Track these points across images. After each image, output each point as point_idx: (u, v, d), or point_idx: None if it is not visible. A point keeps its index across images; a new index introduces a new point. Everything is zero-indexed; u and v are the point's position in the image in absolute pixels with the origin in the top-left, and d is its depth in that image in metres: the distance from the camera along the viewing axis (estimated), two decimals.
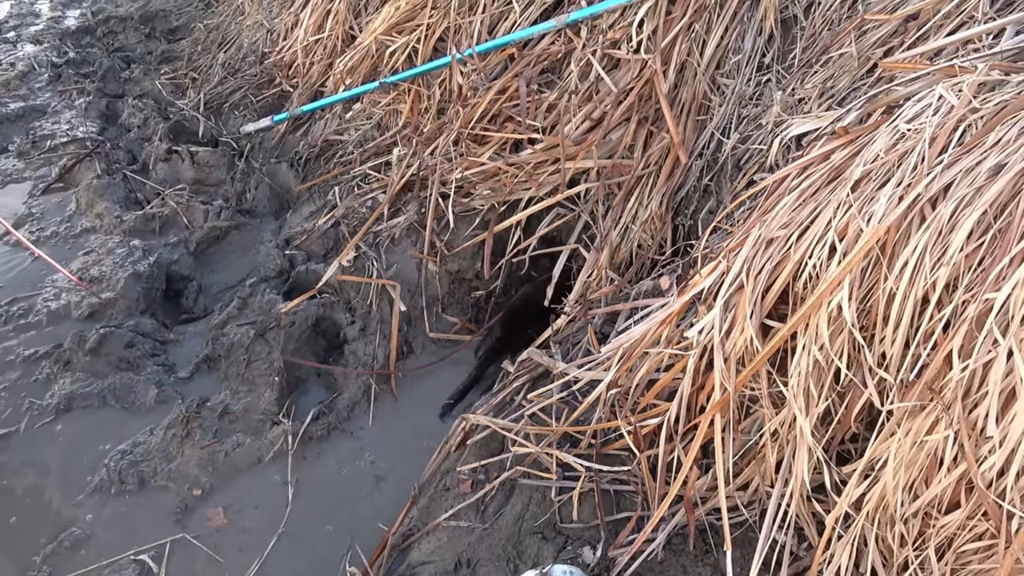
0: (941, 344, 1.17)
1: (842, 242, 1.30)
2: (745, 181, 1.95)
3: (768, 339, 1.42)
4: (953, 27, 1.68)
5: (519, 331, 2.20)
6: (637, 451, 1.66)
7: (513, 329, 2.22)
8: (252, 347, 2.22)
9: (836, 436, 1.41)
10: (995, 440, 1.11)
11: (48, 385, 2.18)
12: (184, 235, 2.67)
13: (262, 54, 3.35)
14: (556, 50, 2.37)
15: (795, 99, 1.93)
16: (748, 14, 2.16)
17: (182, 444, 2.03)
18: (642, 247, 2.17)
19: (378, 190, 2.54)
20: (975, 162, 1.20)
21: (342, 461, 2.02)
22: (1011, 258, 1.09)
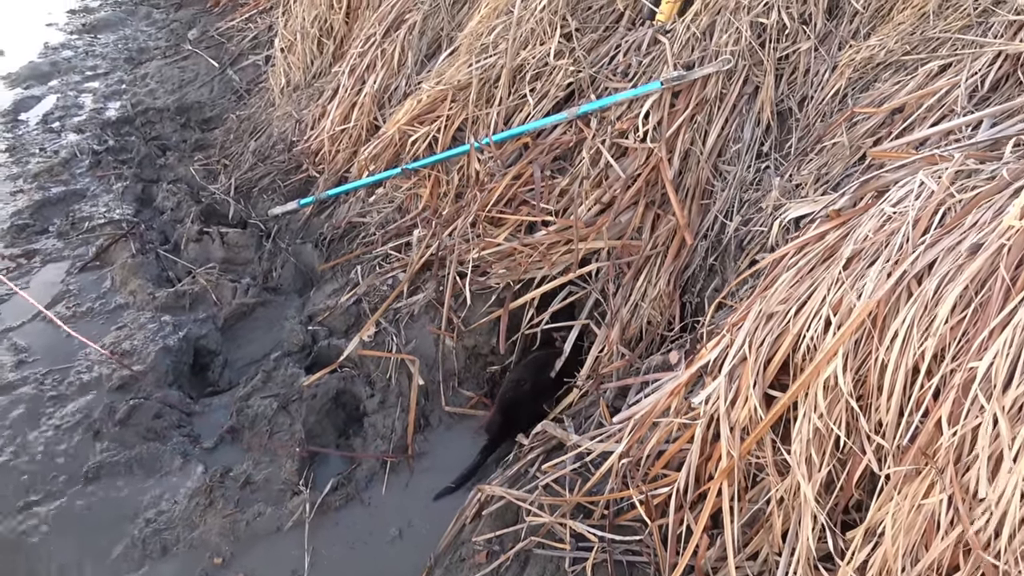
0: (932, 411, 1.24)
1: (836, 316, 1.39)
2: (747, 260, 2.05)
3: (771, 408, 1.49)
4: (936, 119, 1.82)
5: (517, 415, 2.25)
6: (649, 520, 1.71)
7: (510, 416, 2.27)
8: (275, 419, 2.30)
9: (840, 503, 1.46)
10: (988, 502, 1.17)
11: (78, 454, 2.26)
12: (213, 311, 2.79)
13: (291, 142, 3.55)
14: (568, 139, 2.54)
15: (792, 184, 2.06)
16: (746, 107, 2.32)
17: (205, 513, 2.09)
18: (651, 323, 2.26)
19: (398, 269, 2.66)
20: (955, 242, 1.30)
21: (359, 531, 2.06)
22: (991, 329, 1.18)
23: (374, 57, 3.26)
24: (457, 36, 3.12)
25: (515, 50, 2.71)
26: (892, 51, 2.05)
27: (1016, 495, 1.14)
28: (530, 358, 2.39)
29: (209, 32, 5.09)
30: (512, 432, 2.21)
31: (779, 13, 2.31)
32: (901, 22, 2.10)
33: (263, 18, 4.93)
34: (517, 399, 2.28)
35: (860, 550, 1.36)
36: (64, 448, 2.27)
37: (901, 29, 2.08)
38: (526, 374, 2.34)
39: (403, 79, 3.18)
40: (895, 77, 2.02)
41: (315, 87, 3.71)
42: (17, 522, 2.07)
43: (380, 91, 3.20)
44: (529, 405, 2.26)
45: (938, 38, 1.97)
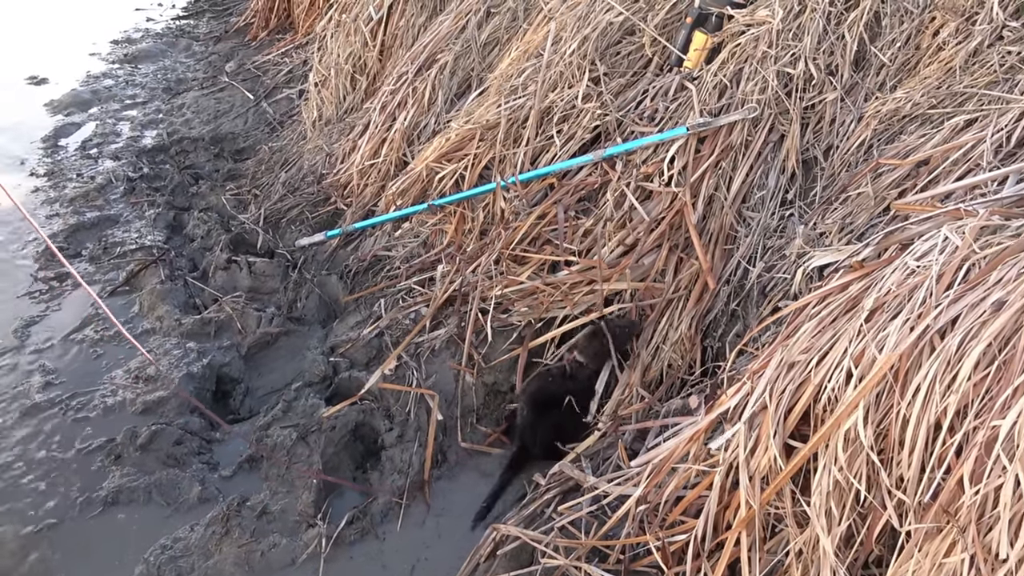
0: (954, 468, 1.23)
1: (858, 368, 1.39)
2: (770, 307, 2.06)
3: (790, 458, 1.49)
4: (961, 173, 1.83)
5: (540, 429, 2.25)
6: (665, 567, 1.69)
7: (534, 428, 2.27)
8: (294, 449, 2.31)
9: (859, 558, 1.44)
10: (1011, 564, 1.15)
11: (98, 477, 2.28)
12: (237, 339, 2.83)
13: (320, 175, 3.63)
14: (593, 181, 2.57)
15: (816, 233, 2.07)
16: (772, 154, 2.34)
17: (221, 542, 2.10)
18: (672, 366, 2.26)
19: (421, 303, 2.69)
20: (979, 298, 1.30)
21: (373, 566, 2.06)
22: (1015, 388, 1.17)
23: (405, 95, 3.34)
24: (487, 77, 3.18)
25: (544, 92, 2.76)
26: (918, 104, 2.07)
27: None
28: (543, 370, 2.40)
29: (246, 65, 5.23)
30: (538, 443, 2.23)
31: (806, 63, 2.34)
32: (927, 76, 2.12)
33: (298, 53, 5.06)
34: (546, 401, 2.28)
35: None
36: (84, 471, 2.30)
37: (927, 83, 2.10)
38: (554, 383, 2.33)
39: (432, 117, 3.25)
40: (921, 130, 2.03)
41: (346, 122, 3.79)
42: (34, 544, 2.09)
43: (410, 128, 3.27)
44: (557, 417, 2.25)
45: (964, 93, 1.98)
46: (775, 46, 2.41)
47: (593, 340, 2.32)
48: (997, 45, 2.01)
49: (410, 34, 3.67)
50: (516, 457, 2.25)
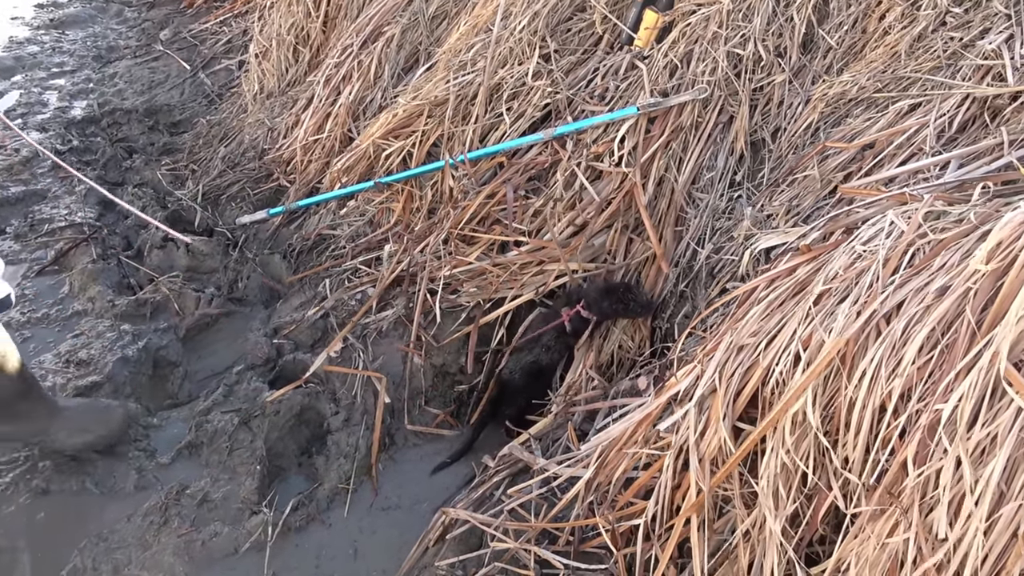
0: (898, 450, 1.25)
1: (806, 352, 1.40)
2: (718, 289, 2.07)
3: (740, 441, 1.50)
4: (905, 157, 1.86)
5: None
6: (615, 549, 1.70)
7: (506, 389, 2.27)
8: (235, 435, 2.24)
9: (805, 537, 1.47)
10: (950, 543, 1.18)
11: (28, 467, 2.18)
12: (174, 321, 2.72)
13: (262, 150, 3.50)
14: (543, 160, 2.54)
15: (764, 215, 2.08)
16: (721, 136, 2.34)
17: (159, 532, 2.02)
18: (623, 348, 2.26)
19: (368, 284, 2.63)
20: (924, 283, 1.32)
21: (319, 553, 2.02)
22: (956, 372, 1.19)
23: (350, 68, 3.24)
24: (435, 52, 3.11)
25: (493, 68, 2.71)
26: (864, 88, 2.09)
27: (978, 537, 1.15)
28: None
29: (181, 33, 5.01)
30: (505, 406, 2.23)
31: (755, 45, 2.34)
32: (873, 60, 2.14)
33: (238, 22, 4.87)
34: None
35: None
36: (14, 461, 2.19)
37: (873, 66, 2.12)
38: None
39: (379, 92, 3.16)
40: (866, 113, 2.05)
41: (289, 95, 3.67)
42: None
43: (355, 103, 3.18)
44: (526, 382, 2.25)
45: (909, 77, 2.01)
46: (725, 26, 2.40)
47: (608, 295, 2.20)
48: (941, 31, 2.04)
49: (355, 5, 3.56)
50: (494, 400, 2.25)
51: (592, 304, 2.19)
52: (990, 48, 1.89)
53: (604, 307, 2.17)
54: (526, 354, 2.26)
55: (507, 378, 2.26)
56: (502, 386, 2.26)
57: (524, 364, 2.25)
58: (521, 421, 2.21)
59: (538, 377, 2.26)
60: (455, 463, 2.20)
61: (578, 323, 2.22)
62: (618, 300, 2.17)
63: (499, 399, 2.25)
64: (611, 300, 2.17)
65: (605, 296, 2.17)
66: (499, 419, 2.25)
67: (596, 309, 2.18)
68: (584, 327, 2.23)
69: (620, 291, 2.17)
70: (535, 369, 2.25)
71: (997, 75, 1.85)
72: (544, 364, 2.26)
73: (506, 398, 2.24)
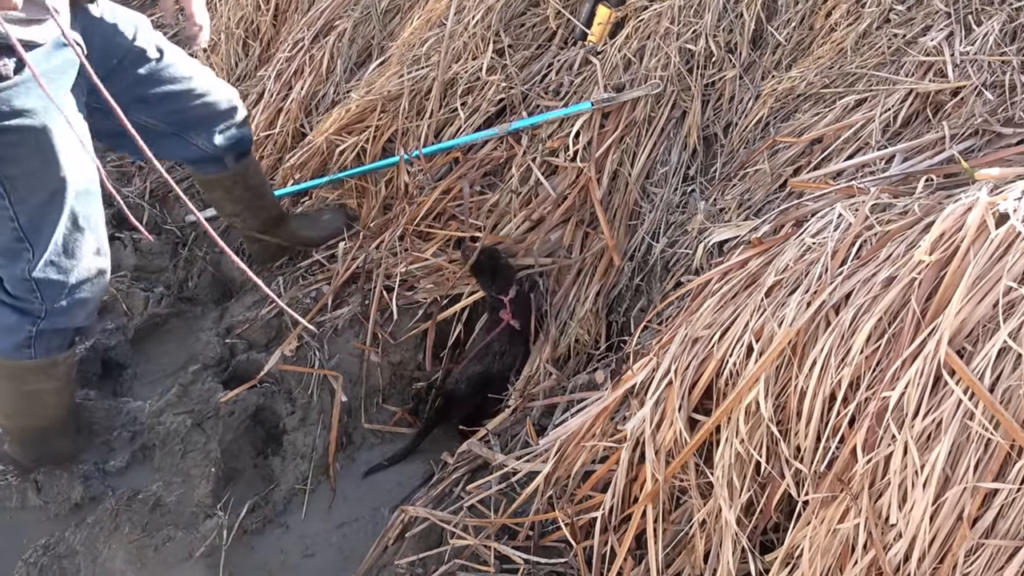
0: (848, 438, 1.29)
1: (758, 342, 1.42)
2: (673, 282, 2.09)
3: (695, 432, 1.52)
4: (852, 151, 1.90)
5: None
6: (574, 542, 1.71)
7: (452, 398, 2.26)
8: (188, 437, 2.20)
9: (759, 526, 1.50)
10: (899, 528, 1.22)
11: None
12: (122, 321, 2.65)
13: None
14: (499, 155, 2.53)
15: (717, 209, 2.11)
16: (674, 130, 2.37)
17: (109, 538, 1.97)
18: (579, 342, 2.27)
19: (322, 281, 2.59)
20: (871, 274, 1.35)
21: (276, 555, 1.99)
22: (903, 360, 1.23)
23: (302, 63, 3.18)
24: (388, 46, 3.08)
25: (447, 63, 2.69)
26: (812, 83, 2.13)
27: (925, 520, 1.18)
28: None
29: None
30: (450, 416, 2.21)
31: (707, 41, 2.37)
32: (821, 56, 2.19)
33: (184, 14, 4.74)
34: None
35: (779, 572, 1.40)
36: None
37: (821, 63, 2.17)
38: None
39: (332, 87, 3.11)
40: (814, 108, 2.09)
41: (239, 90, 3.58)
42: None
43: (307, 98, 3.12)
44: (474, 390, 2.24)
45: (855, 73, 2.05)
46: (677, 22, 2.42)
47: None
48: (885, 28, 2.09)
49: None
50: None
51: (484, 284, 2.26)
52: (932, 45, 1.94)
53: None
54: (476, 364, 2.24)
55: (451, 388, 2.24)
56: (447, 397, 2.24)
57: (471, 374, 2.23)
58: (472, 423, 2.19)
59: (485, 386, 2.23)
60: (391, 466, 2.18)
61: (517, 311, 2.22)
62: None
63: (445, 409, 2.24)
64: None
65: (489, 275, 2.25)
66: (446, 425, 2.23)
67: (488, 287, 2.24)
68: (527, 308, 2.24)
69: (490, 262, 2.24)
70: (482, 379, 2.23)
71: (939, 71, 1.90)
72: (495, 372, 2.24)
73: (451, 408, 2.23)
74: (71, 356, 2.09)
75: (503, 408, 2.18)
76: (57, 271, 1.85)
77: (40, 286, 1.85)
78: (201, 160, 2.34)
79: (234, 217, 2.56)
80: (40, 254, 1.82)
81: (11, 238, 1.78)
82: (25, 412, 2.07)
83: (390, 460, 2.20)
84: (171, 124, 2.14)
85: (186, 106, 2.13)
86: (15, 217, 1.76)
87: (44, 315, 1.90)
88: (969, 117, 1.74)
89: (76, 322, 1.96)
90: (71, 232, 1.84)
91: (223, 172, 2.39)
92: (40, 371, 1.99)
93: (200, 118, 2.20)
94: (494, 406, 2.21)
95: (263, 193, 2.56)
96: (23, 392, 2.02)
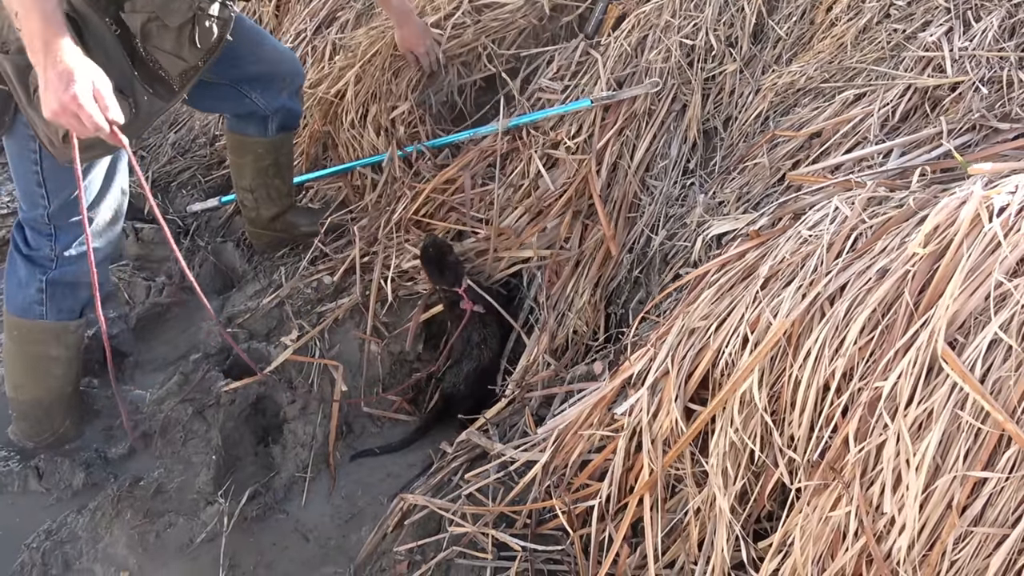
0: (841, 427, 1.30)
1: (753, 333, 1.44)
2: (672, 275, 2.11)
3: (691, 422, 1.54)
4: (850, 145, 1.91)
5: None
6: (571, 530, 1.73)
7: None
8: (189, 424, 2.22)
9: (753, 514, 1.51)
10: (889, 515, 1.23)
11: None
12: (124, 310, 2.67)
13: (213, 136, 3.43)
14: (500, 148, 2.54)
15: (716, 202, 2.12)
16: (674, 124, 2.38)
17: (111, 524, 2.00)
18: (577, 333, 2.29)
19: (324, 272, 2.61)
20: (865, 266, 1.37)
21: (277, 542, 2.01)
22: (896, 351, 1.24)
23: (304, 54, 3.19)
24: None
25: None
26: (812, 78, 2.15)
27: (915, 509, 1.20)
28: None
29: None
30: (451, 414, 2.23)
31: (707, 34, 2.38)
32: (820, 51, 2.20)
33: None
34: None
35: (772, 559, 1.41)
36: None
37: (820, 57, 2.18)
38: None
39: None
40: (814, 103, 2.11)
41: None
42: None
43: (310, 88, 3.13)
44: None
45: (854, 68, 2.07)
46: (678, 16, 2.44)
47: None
48: (885, 23, 2.10)
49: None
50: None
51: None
52: (931, 40, 1.95)
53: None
54: (466, 362, 2.26)
55: (452, 391, 2.26)
56: (449, 400, 2.26)
57: (467, 373, 2.25)
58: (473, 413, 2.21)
59: (483, 379, 2.26)
60: (382, 455, 2.21)
61: (475, 297, 2.24)
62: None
63: (447, 410, 2.26)
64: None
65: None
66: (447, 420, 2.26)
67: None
68: (487, 292, 2.26)
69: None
70: (478, 373, 2.25)
71: (937, 66, 1.92)
72: (486, 363, 2.26)
73: (454, 409, 2.25)
74: (82, 327, 2.14)
75: (501, 398, 2.20)
76: (76, 223, 1.90)
77: (57, 230, 1.94)
78: (248, 116, 2.37)
79: (248, 193, 2.56)
80: (57, 204, 1.90)
81: (32, 182, 1.86)
82: (33, 380, 2.12)
83: (382, 449, 2.21)
84: (231, 79, 2.18)
85: (248, 64, 2.18)
86: (39, 162, 1.83)
87: (55, 264, 1.98)
88: (967, 112, 1.75)
89: (85, 273, 1.97)
90: (92, 183, 1.91)
91: (262, 137, 2.41)
92: (52, 335, 2.06)
93: (260, 75, 2.25)
94: (492, 396, 2.23)
95: (285, 177, 2.57)
96: (32, 356, 2.08)
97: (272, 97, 2.31)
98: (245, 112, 2.34)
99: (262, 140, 2.42)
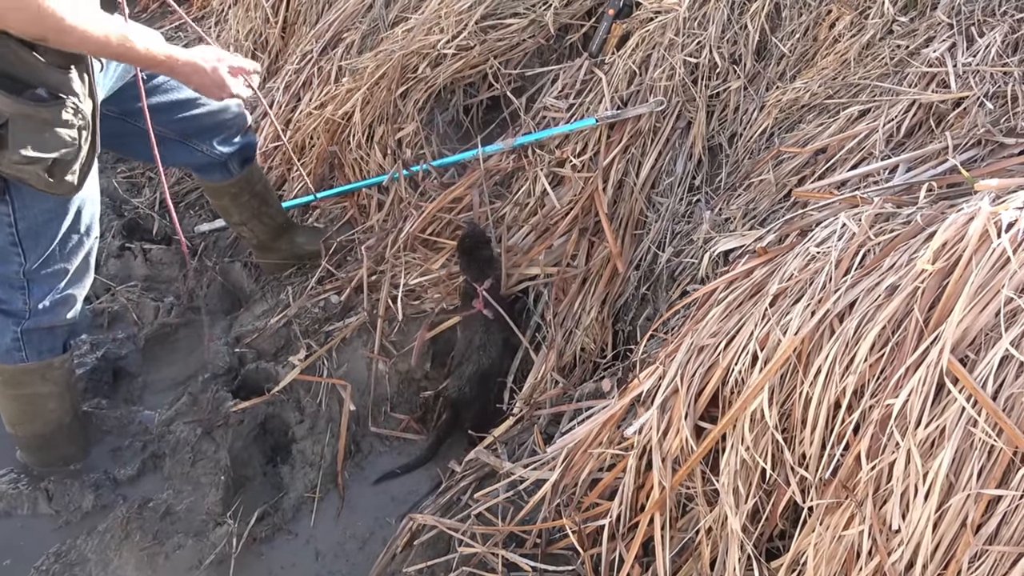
0: (852, 445, 1.30)
1: (763, 351, 1.44)
2: (679, 291, 2.11)
3: (701, 440, 1.53)
4: (856, 161, 1.92)
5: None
6: (581, 550, 1.72)
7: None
8: (198, 445, 2.22)
9: (765, 533, 1.51)
10: (903, 534, 1.23)
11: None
12: (133, 331, 2.68)
13: None
14: (506, 166, 2.56)
15: (722, 218, 2.13)
16: (679, 141, 2.39)
17: (120, 546, 1.99)
18: (585, 350, 2.29)
19: (331, 291, 2.62)
20: (874, 283, 1.37)
21: (286, 563, 2.01)
22: (906, 368, 1.24)
23: (310, 75, 3.22)
24: None
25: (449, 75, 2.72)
26: (816, 94, 2.15)
27: (928, 527, 1.20)
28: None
29: None
30: (462, 421, 2.23)
31: (711, 52, 2.39)
32: (824, 67, 2.21)
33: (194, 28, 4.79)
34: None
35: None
36: None
37: (824, 73, 2.19)
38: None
39: None
40: (818, 119, 2.11)
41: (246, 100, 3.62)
42: None
43: (316, 109, 3.15)
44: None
45: (858, 84, 2.07)
46: (682, 34, 2.45)
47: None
48: (888, 39, 2.11)
49: (314, 11, 3.53)
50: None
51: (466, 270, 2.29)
52: (934, 56, 1.96)
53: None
54: (467, 365, 2.26)
55: (457, 396, 2.26)
56: (455, 404, 2.26)
57: (470, 376, 2.25)
58: (481, 426, 2.20)
59: (485, 382, 2.26)
60: (404, 475, 2.20)
61: (493, 299, 2.24)
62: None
63: (455, 416, 2.26)
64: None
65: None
66: (459, 432, 2.26)
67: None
68: (500, 302, 2.26)
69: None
70: (480, 376, 2.25)
71: (941, 82, 1.92)
72: (487, 367, 2.26)
73: (462, 413, 2.25)
74: (68, 360, 2.12)
75: (508, 415, 2.20)
76: (51, 274, 1.90)
77: (31, 285, 1.90)
78: (207, 166, 2.38)
79: (241, 226, 2.59)
80: (33, 260, 1.86)
81: (6, 241, 1.82)
82: (28, 418, 2.11)
83: (403, 468, 2.21)
84: (177, 131, 2.18)
85: (191, 114, 2.18)
86: (14, 223, 1.80)
87: (28, 315, 1.94)
88: (971, 127, 1.75)
89: (60, 319, 1.99)
90: (67, 238, 1.90)
91: (229, 179, 2.43)
92: (36, 374, 2.03)
93: (205, 126, 2.24)
94: (498, 411, 2.24)
95: (269, 200, 2.59)
96: (22, 397, 2.06)
97: (222, 144, 2.30)
98: (203, 163, 2.35)
99: (231, 181, 2.43)
